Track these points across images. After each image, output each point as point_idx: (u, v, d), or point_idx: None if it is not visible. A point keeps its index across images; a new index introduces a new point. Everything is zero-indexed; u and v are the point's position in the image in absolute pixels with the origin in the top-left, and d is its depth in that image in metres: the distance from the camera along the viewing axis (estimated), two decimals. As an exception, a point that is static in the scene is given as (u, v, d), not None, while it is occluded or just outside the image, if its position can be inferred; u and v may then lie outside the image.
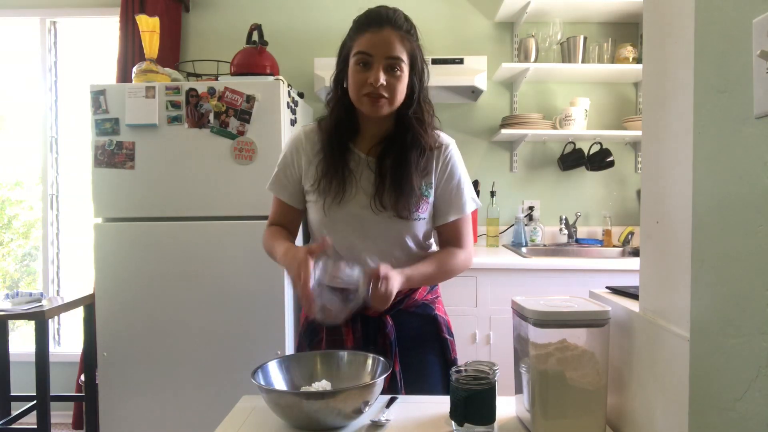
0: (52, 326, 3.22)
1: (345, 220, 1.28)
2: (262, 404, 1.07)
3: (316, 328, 1.34)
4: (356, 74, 1.22)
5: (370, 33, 1.20)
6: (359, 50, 1.21)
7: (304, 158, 1.33)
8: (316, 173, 1.29)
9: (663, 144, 0.86)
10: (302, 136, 1.36)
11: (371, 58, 1.20)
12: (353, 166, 1.29)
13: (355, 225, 1.28)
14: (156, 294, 2.35)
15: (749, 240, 0.63)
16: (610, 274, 2.37)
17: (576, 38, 2.85)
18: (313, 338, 1.35)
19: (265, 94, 2.30)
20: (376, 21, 1.21)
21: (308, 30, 3.08)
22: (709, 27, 0.72)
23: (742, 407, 0.64)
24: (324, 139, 1.31)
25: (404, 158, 1.26)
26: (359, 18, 1.25)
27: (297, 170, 1.35)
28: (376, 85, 1.19)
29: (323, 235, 1.30)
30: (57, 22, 3.22)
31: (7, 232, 3.49)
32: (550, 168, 3.10)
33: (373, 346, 1.28)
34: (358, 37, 1.22)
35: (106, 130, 2.33)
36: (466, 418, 0.96)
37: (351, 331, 1.29)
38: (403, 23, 1.23)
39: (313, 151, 1.32)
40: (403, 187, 1.25)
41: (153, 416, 2.38)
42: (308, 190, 1.33)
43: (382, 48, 1.20)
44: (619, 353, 0.99)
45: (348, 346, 1.27)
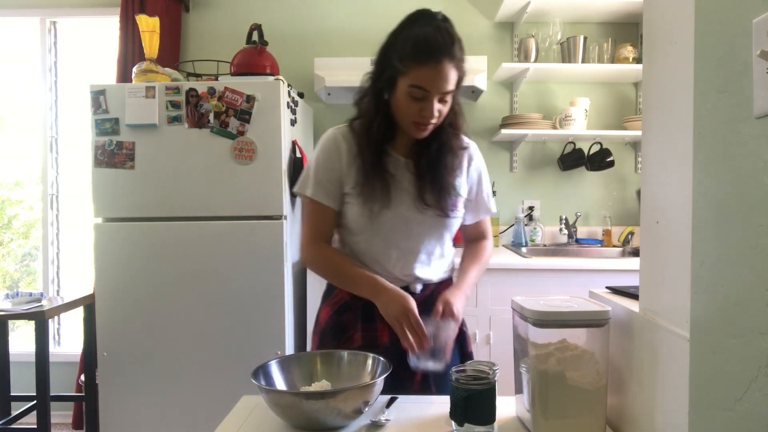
0: (52, 326, 3.22)
1: (392, 222, 1.30)
2: (262, 404, 1.07)
3: (345, 327, 1.34)
4: (409, 104, 1.21)
5: (428, 69, 1.17)
6: (415, 84, 1.18)
7: (345, 161, 1.32)
8: (357, 177, 1.30)
9: (663, 144, 0.86)
10: (339, 138, 1.34)
11: (428, 93, 1.19)
12: (393, 170, 1.31)
13: (401, 227, 1.31)
14: (156, 294, 2.35)
15: (749, 240, 0.62)
16: (610, 274, 2.37)
17: (576, 38, 2.85)
18: (341, 336, 1.34)
19: (265, 94, 2.30)
20: (435, 54, 1.16)
21: (308, 30, 3.08)
22: (709, 27, 0.72)
23: (742, 407, 0.64)
24: (362, 143, 1.30)
25: (440, 159, 1.31)
26: (418, 45, 1.17)
27: (338, 173, 1.33)
28: (430, 119, 1.22)
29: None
30: (57, 22, 3.22)
31: (7, 232, 3.49)
32: (550, 168, 3.10)
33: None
34: (415, 67, 1.17)
35: (106, 130, 2.33)
36: (466, 418, 0.96)
37: (387, 327, 1.28)
38: (458, 52, 1.19)
39: (351, 154, 1.32)
40: (443, 185, 1.31)
41: (153, 416, 2.38)
42: (348, 193, 1.32)
43: (440, 85, 1.18)
44: (619, 353, 0.99)
45: (383, 342, 1.29)
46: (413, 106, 1.21)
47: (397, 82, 1.21)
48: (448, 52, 1.17)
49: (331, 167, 1.32)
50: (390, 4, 3.03)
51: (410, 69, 1.18)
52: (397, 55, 1.20)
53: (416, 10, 1.24)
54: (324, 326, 1.38)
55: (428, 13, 1.22)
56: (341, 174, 1.32)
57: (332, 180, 1.32)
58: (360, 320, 1.32)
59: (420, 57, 1.17)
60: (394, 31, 1.25)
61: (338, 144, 1.33)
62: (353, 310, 1.34)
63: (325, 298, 1.43)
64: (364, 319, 1.32)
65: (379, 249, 1.32)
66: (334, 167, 1.32)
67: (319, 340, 1.39)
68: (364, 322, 1.32)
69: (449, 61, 1.17)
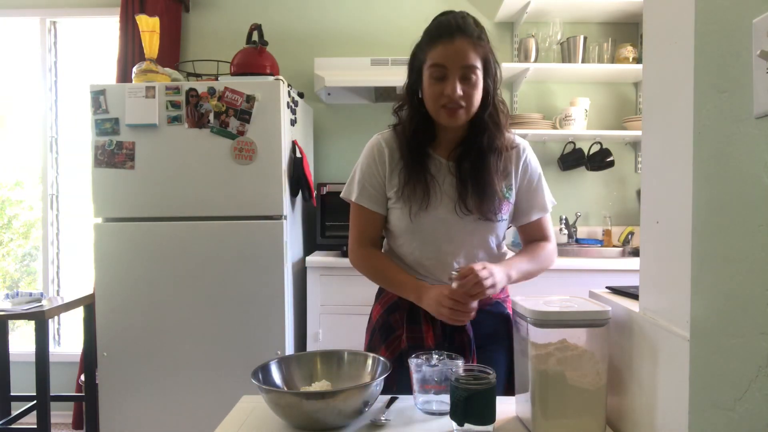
0: (52, 326, 3.22)
1: (431, 225, 1.30)
2: (262, 404, 1.07)
3: (393, 326, 1.35)
4: (432, 86, 1.23)
5: (442, 45, 1.20)
6: (433, 62, 1.21)
7: (388, 166, 1.33)
8: (399, 180, 1.31)
9: (663, 144, 0.86)
10: (382, 143, 1.35)
11: (446, 70, 1.21)
12: (435, 172, 1.31)
13: (441, 229, 1.30)
14: (156, 294, 2.35)
15: (749, 240, 0.62)
16: (610, 274, 2.37)
17: (576, 38, 2.85)
18: (389, 335, 1.35)
19: (265, 94, 2.30)
20: (447, 31, 1.20)
21: (308, 30, 3.08)
22: (709, 27, 0.72)
23: (742, 407, 0.64)
24: (403, 146, 1.32)
25: (483, 161, 1.29)
26: (429, 29, 1.25)
27: (381, 178, 1.34)
28: (453, 97, 1.21)
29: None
30: (57, 22, 3.21)
31: (7, 232, 3.49)
32: (550, 168, 3.10)
33: (449, 343, 1.29)
34: (431, 48, 1.22)
35: (106, 130, 2.33)
36: (466, 418, 0.96)
37: (432, 328, 1.29)
38: (474, 29, 1.23)
39: (394, 159, 1.33)
40: (485, 190, 1.28)
41: (153, 416, 2.38)
42: (391, 197, 1.33)
43: (456, 59, 1.20)
44: (619, 353, 0.99)
45: (428, 344, 1.27)
46: (436, 88, 1.22)
47: (422, 73, 1.25)
48: (460, 29, 1.20)
49: (374, 173, 1.34)
50: (390, 4, 3.03)
51: (428, 52, 1.22)
52: (418, 47, 1.26)
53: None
54: (375, 324, 1.39)
55: (449, 11, 1.28)
56: (384, 179, 1.34)
57: (375, 185, 1.34)
58: (405, 321, 1.32)
59: (434, 37, 1.22)
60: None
61: (381, 149, 1.34)
62: (401, 310, 1.34)
63: (377, 297, 1.44)
64: (409, 320, 1.32)
65: (420, 252, 1.32)
66: (377, 172, 1.34)
67: (371, 337, 1.40)
68: (409, 324, 1.32)
69: (463, 36, 1.20)
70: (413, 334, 1.31)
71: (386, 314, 1.37)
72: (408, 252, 1.34)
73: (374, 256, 1.37)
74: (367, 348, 1.39)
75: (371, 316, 1.43)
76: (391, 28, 3.05)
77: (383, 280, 1.37)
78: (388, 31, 3.06)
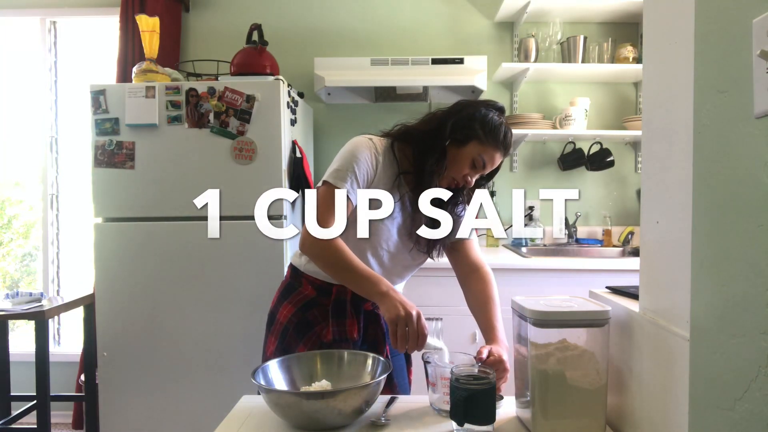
0: (52, 326, 3.22)
1: (377, 242, 1.37)
2: (262, 404, 1.07)
3: (311, 322, 1.39)
4: (464, 164, 1.35)
5: (498, 154, 1.36)
6: (481, 158, 1.34)
7: (376, 174, 1.36)
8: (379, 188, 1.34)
9: (663, 144, 0.86)
10: (378, 148, 1.39)
11: (482, 170, 1.36)
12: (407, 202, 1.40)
13: (383, 250, 1.39)
14: (156, 294, 2.35)
15: (749, 240, 0.62)
16: (610, 274, 2.37)
17: (576, 38, 2.85)
18: (307, 331, 1.39)
19: (265, 94, 2.30)
20: (504, 147, 1.36)
21: (308, 30, 3.08)
22: (709, 27, 0.72)
23: (742, 407, 0.64)
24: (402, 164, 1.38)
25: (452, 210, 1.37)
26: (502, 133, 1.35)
27: (370, 178, 1.37)
28: (467, 185, 1.37)
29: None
30: (57, 22, 3.21)
31: (7, 232, 3.49)
32: (550, 168, 3.10)
33: (364, 336, 1.39)
34: (491, 146, 1.34)
35: (106, 130, 2.33)
36: (466, 418, 0.96)
37: (356, 322, 1.37)
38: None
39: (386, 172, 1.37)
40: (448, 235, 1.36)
41: (153, 416, 2.38)
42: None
43: (490, 168, 1.38)
44: (619, 353, 0.99)
45: (353, 337, 1.35)
46: (465, 169, 1.35)
47: (469, 144, 1.34)
48: (507, 150, 1.39)
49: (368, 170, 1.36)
50: (390, 4, 3.03)
51: (488, 145, 1.34)
52: (479, 124, 1.35)
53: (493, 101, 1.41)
54: (287, 324, 1.41)
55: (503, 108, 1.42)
56: (373, 179, 1.37)
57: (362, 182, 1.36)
58: (330, 316, 1.37)
59: (496, 141, 1.35)
60: (475, 103, 1.39)
61: (377, 154, 1.38)
62: (320, 306, 1.39)
63: (284, 297, 1.45)
64: (335, 314, 1.37)
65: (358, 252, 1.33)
66: (369, 172, 1.36)
67: (280, 338, 1.41)
68: (335, 318, 1.37)
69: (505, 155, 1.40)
70: (339, 327, 1.37)
71: (301, 312, 1.40)
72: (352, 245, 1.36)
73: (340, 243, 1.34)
74: (276, 350, 1.39)
75: (276, 318, 1.44)
76: (391, 28, 3.05)
77: (342, 270, 1.30)
78: (388, 31, 3.05)
